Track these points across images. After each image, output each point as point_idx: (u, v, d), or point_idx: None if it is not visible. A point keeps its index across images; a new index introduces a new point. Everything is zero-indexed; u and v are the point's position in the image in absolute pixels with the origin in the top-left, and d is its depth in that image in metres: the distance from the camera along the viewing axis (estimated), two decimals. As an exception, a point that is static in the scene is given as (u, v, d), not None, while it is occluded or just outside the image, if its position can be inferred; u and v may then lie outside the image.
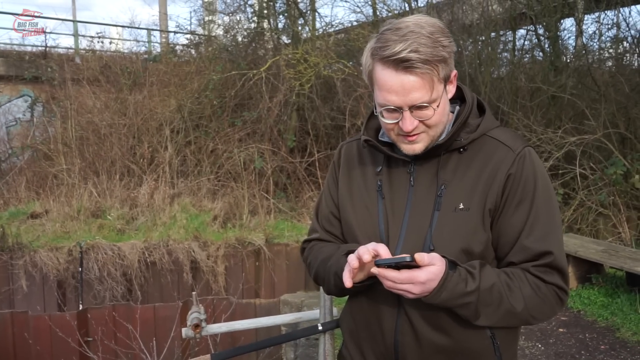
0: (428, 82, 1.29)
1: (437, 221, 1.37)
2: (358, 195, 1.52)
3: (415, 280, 1.23)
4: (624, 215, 6.99)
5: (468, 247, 1.35)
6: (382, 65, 1.31)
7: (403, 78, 1.28)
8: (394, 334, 1.43)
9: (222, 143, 9.93)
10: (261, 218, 8.43)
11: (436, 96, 1.32)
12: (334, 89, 9.98)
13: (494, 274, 1.32)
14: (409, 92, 1.29)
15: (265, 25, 11.81)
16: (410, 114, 1.32)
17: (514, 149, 1.38)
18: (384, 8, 10.81)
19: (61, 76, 12.12)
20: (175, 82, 10.98)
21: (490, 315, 1.32)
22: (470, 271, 1.29)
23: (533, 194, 1.35)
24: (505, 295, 1.31)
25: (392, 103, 1.32)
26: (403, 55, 1.26)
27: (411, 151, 1.38)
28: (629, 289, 5.22)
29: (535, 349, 4.41)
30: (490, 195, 1.35)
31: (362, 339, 1.53)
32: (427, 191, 1.41)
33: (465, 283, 1.27)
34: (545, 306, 1.36)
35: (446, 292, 1.25)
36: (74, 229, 7.76)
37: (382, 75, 1.31)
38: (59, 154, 10.18)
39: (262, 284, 7.73)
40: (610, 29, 9.57)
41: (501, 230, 1.37)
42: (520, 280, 1.34)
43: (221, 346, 6.08)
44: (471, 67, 9.24)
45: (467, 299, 1.28)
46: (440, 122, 1.37)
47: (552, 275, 1.35)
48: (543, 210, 1.35)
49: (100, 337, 6.02)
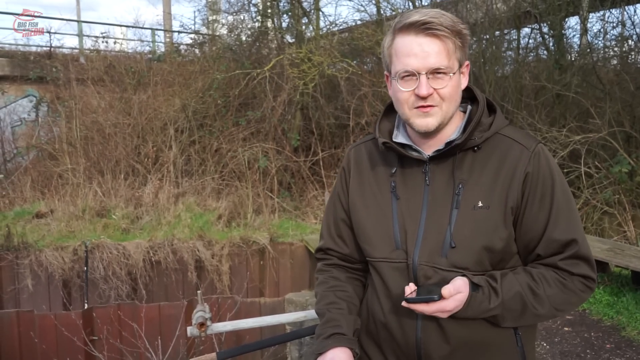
0: (446, 48, 1.35)
1: (457, 219, 1.39)
2: (371, 197, 1.53)
3: (444, 310, 1.33)
4: (629, 213, 6.96)
5: (490, 244, 1.38)
6: (402, 34, 1.37)
7: (422, 41, 1.34)
8: (416, 331, 1.44)
9: (227, 142, 9.94)
10: (265, 217, 8.44)
11: (452, 65, 1.37)
12: (338, 88, 9.98)
13: (516, 282, 1.38)
14: (428, 55, 1.34)
15: (269, 25, 11.82)
16: (427, 80, 1.35)
17: (529, 147, 1.40)
18: (388, 7, 10.82)
19: (66, 76, 12.15)
20: (180, 81, 11.01)
21: (516, 319, 1.40)
22: (493, 286, 1.36)
23: (552, 188, 1.39)
24: (529, 301, 1.37)
25: (411, 66, 1.35)
26: (424, 19, 1.33)
27: (424, 126, 1.40)
28: (635, 287, 5.21)
29: (541, 347, 4.40)
30: (510, 193, 1.38)
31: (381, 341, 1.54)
32: (444, 190, 1.42)
33: (489, 300, 1.35)
34: (571, 299, 1.41)
35: (472, 310, 1.35)
36: (79, 229, 7.78)
37: (402, 42, 1.37)
38: (64, 153, 10.20)
39: (266, 283, 7.73)
40: (615, 27, 9.56)
41: (527, 226, 1.40)
42: (546, 281, 1.39)
43: (226, 345, 6.09)
44: (475, 65, 9.21)
45: (491, 312, 1.37)
46: (453, 98, 1.40)
47: (579, 266, 1.39)
48: (563, 203, 1.40)
49: (106, 336, 6.03)
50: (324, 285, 1.63)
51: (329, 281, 1.63)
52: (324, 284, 1.64)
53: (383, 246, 1.47)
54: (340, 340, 1.48)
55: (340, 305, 1.56)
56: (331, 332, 1.50)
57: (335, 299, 1.57)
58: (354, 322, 1.54)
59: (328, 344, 1.47)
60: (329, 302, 1.57)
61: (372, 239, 1.50)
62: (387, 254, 1.46)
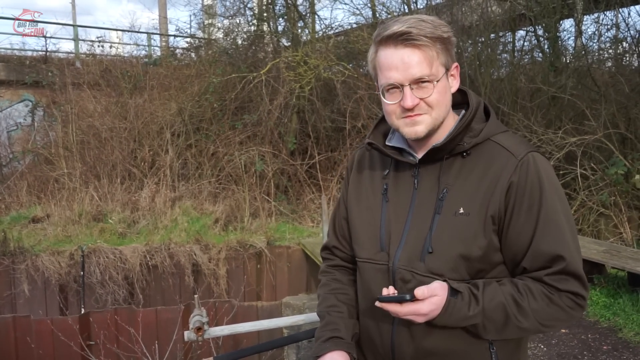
0: (427, 57, 1.33)
1: (437, 225, 1.38)
2: (365, 198, 1.55)
3: (418, 312, 1.29)
4: (625, 215, 6.98)
5: (466, 252, 1.35)
6: (383, 46, 1.36)
7: (402, 52, 1.33)
8: (391, 335, 1.45)
9: (223, 146, 9.94)
10: (262, 220, 8.43)
11: (436, 72, 1.35)
12: (334, 91, 9.98)
13: (499, 292, 1.33)
14: (409, 66, 1.33)
15: (265, 28, 11.83)
16: (411, 91, 1.35)
17: (517, 155, 1.37)
18: (384, 10, 10.84)
19: (62, 80, 12.13)
20: (176, 85, 11.00)
21: (499, 330, 1.34)
22: (474, 293, 1.31)
23: (540, 200, 1.33)
24: (512, 313, 1.32)
25: (394, 79, 1.35)
26: (402, 29, 1.31)
27: (413, 134, 1.39)
28: (631, 289, 5.22)
29: (538, 349, 4.41)
30: (492, 202, 1.35)
31: (361, 340, 1.56)
32: (429, 194, 1.42)
33: (468, 307, 1.30)
34: (558, 315, 1.34)
35: (450, 317, 1.30)
36: (75, 233, 7.76)
37: (383, 55, 1.36)
38: (60, 158, 10.18)
39: (263, 287, 7.72)
40: (610, 30, 9.59)
41: (512, 238, 1.36)
42: (531, 293, 1.33)
43: (223, 349, 6.07)
44: (471, 68, 9.24)
45: (471, 321, 1.32)
46: (441, 104, 1.38)
47: (567, 282, 1.33)
48: (552, 215, 1.34)
49: (103, 341, 6.01)
50: (326, 288, 1.64)
51: (331, 284, 1.64)
52: (326, 286, 1.65)
53: (369, 247, 1.49)
54: (338, 344, 1.49)
55: (340, 309, 1.57)
56: (329, 336, 1.50)
57: (336, 302, 1.58)
58: (353, 327, 1.55)
59: (326, 347, 1.48)
60: (330, 305, 1.58)
61: (361, 239, 1.52)
62: (372, 255, 1.47)
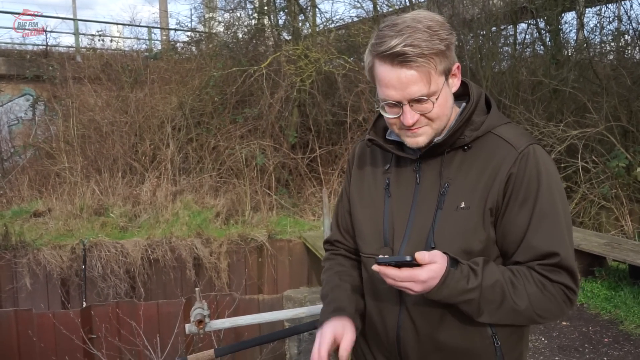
0: (425, 76, 1.29)
1: (439, 220, 1.37)
2: (367, 192, 1.54)
3: (417, 279, 1.23)
4: (626, 208, 6.98)
5: (468, 247, 1.34)
6: (379, 61, 1.32)
7: (399, 72, 1.29)
8: (397, 330, 1.44)
9: (224, 140, 9.93)
10: (263, 214, 8.44)
11: (435, 89, 1.32)
12: (335, 84, 9.97)
13: (497, 271, 1.31)
14: (406, 86, 1.30)
15: (265, 22, 11.79)
16: (410, 108, 1.33)
17: (517, 147, 1.35)
18: (385, 3, 10.81)
19: (62, 75, 12.12)
20: (176, 79, 10.97)
21: (493, 312, 1.30)
22: (473, 268, 1.28)
23: (537, 193, 1.32)
24: (508, 293, 1.29)
25: (392, 98, 1.33)
26: (398, 49, 1.27)
27: (415, 144, 1.38)
28: (632, 281, 5.22)
29: (539, 342, 4.41)
30: (491, 194, 1.34)
31: (367, 336, 1.56)
32: (431, 189, 1.41)
33: (467, 280, 1.26)
34: (551, 305, 1.32)
35: (447, 289, 1.25)
36: (76, 227, 7.77)
37: (381, 71, 1.32)
38: (61, 152, 10.18)
39: (264, 280, 7.74)
40: (612, 22, 9.55)
41: (506, 229, 1.35)
42: (525, 278, 1.31)
43: (225, 342, 6.09)
44: (472, 61, 9.22)
45: (469, 295, 1.27)
46: (442, 115, 1.36)
47: (559, 274, 1.32)
48: (548, 210, 1.33)
49: (104, 334, 6.04)
50: (330, 271, 1.65)
51: (334, 267, 1.65)
52: (329, 270, 1.65)
53: (373, 242, 1.48)
54: (341, 313, 1.48)
55: (344, 287, 1.57)
56: (333, 308, 1.50)
57: (340, 282, 1.58)
58: (357, 301, 1.54)
59: (328, 318, 1.48)
60: (333, 285, 1.58)
61: (364, 234, 1.51)
62: (376, 250, 1.46)
